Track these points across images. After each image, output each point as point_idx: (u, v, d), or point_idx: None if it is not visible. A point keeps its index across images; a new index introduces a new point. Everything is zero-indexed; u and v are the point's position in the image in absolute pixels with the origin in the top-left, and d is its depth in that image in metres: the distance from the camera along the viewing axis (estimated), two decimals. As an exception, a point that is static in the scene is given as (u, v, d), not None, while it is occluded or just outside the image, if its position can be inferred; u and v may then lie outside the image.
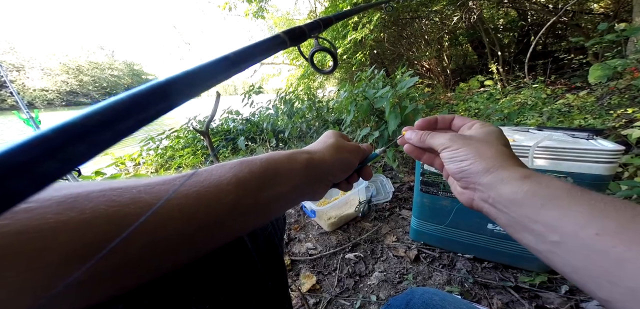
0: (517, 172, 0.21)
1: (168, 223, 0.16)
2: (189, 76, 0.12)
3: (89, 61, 64.46)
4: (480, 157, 0.24)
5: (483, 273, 0.74)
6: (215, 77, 0.14)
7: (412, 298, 0.36)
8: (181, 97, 0.12)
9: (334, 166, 0.28)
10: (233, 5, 4.17)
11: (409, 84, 1.30)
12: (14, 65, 57.22)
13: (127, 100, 0.09)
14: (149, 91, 0.10)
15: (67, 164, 0.07)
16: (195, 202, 0.17)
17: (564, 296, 0.63)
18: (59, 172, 0.07)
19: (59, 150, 0.07)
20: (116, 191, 0.15)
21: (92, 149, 0.08)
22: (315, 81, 4.19)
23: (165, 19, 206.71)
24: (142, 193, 0.16)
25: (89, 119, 0.08)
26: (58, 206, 0.13)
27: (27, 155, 0.06)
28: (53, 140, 0.07)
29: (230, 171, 0.20)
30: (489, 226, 0.70)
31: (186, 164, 1.94)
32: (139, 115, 0.09)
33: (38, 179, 0.06)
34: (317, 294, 0.75)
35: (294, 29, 0.24)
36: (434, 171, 0.71)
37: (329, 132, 0.32)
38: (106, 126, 0.08)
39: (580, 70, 2.74)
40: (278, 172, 0.23)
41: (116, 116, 0.09)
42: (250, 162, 0.22)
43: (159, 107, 0.10)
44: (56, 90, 55.71)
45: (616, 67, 1.69)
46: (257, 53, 0.18)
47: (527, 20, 4.15)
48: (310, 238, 0.98)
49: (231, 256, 0.24)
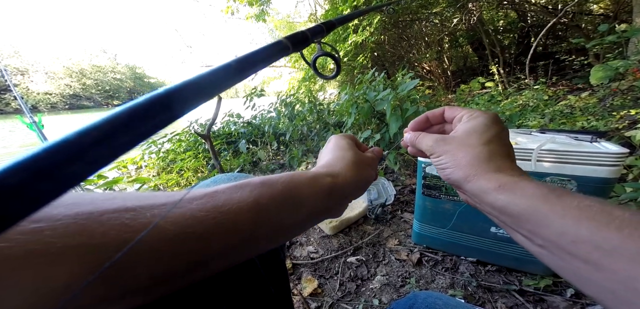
0: (493, 182, 0.21)
1: (183, 251, 0.15)
2: (192, 85, 0.12)
3: (92, 65, 65.04)
4: (457, 165, 0.23)
5: (487, 277, 0.73)
6: (218, 85, 0.14)
7: (415, 302, 0.36)
8: (185, 106, 0.11)
9: (358, 187, 0.26)
10: (235, 9, 4.21)
11: (410, 86, 1.30)
12: (18, 69, 57.82)
13: (128, 112, 0.09)
14: (151, 101, 0.10)
15: (90, 166, 0.07)
16: (213, 229, 0.16)
17: (569, 300, 0.62)
18: (59, 192, 0.07)
19: (53, 171, 0.07)
20: (130, 214, 0.15)
21: (93, 165, 0.08)
22: (316, 84, 4.20)
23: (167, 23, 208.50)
24: (157, 218, 0.15)
25: (86, 136, 0.08)
26: (66, 228, 0.12)
27: (21, 176, 0.06)
28: (45, 160, 0.07)
29: (250, 195, 0.19)
30: (492, 229, 0.69)
31: (188, 168, 1.94)
32: (139, 127, 0.09)
33: (33, 199, 0.06)
34: (318, 298, 0.74)
35: (297, 34, 0.23)
36: (436, 174, 0.71)
37: (341, 140, 0.30)
38: (102, 143, 0.08)
39: (582, 71, 2.74)
40: (299, 199, 0.21)
41: (116, 130, 0.08)
42: (271, 185, 0.20)
43: (162, 118, 0.10)
44: (60, 93, 56.19)
45: (618, 68, 1.68)
46: (260, 60, 0.18)
47: (527, 21, 4.16)
48: (311, 241, 0.98)
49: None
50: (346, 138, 0.30)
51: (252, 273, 0.26)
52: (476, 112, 0.26)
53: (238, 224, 0.17)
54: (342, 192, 0.25)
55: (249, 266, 0.26)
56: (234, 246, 0.18)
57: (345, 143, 0.29)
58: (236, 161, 2.00)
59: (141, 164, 2.35)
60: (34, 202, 0.06)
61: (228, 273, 0.23)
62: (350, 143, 0.29)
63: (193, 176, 1.85)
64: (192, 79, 0.12)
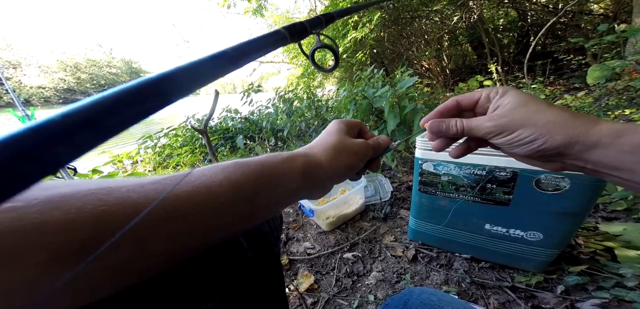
0: (608, 131, 0.19)
1: (156, 223, 0.16)
2: (185, 71, 0.12)
3: (87, 59, 64.02)
4: (550, 131, 0.21)
5: (480, 273, 0.74)
6: (212, 73, 0.13)
7: (410, 298, 0.36)
8: (177, 93, 0.11)
9: (334, 172, 0.26)
10: (232, 2, 4.15)
11: (408, 84, 1.30)
12: (11, 63, 56.75)
13: (117, 95, 0.09)
14: (142, 85, 0.10)
15: (52, 165, 0.07)
16: (185, 203, 0.17)
17: (559, 296, 0.63)
18: (42, 174, 0.07)
19: (47, 146, 0.07)
20: (104, 190, 0.15)
21: (78, 148, 0.08)
22: (315, 80, 4.18)
23: (164, 17, 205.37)
24: (131, 192, 0.15)
25: (72, 116, 0.07)
26: (43, 206, 0.12)
27: (3, 156, 0.06)
28: (29, 140, 0.06)
29: (222, 172, 0.19)
30: (486, 227, 0.70)
31: (184, 163, 1.93)
32: (129, 110, 0.09)
33: (14, 182, 0.06)
34: (315, 293, 0.75)
35: (295, 25, 0.23)
36: (433, 171, 0.71)
37: (334, 124, 0.29)
38: (90, 123, 0.08)
39: (579, 71, 2.75)
40: (273, 177, 0.22)
41: (103, 113, 0.08)
42: (244, 164, 0.21)
43: (152, 104, 0.10)
44: (53, 87, 55.32)
45: (615, 68, 1.69)
46: (257, 49, 0.17)
47: (527, 20, 4.16)
48: (308, 237, 0.98)
49: (226, 256, 0.24)
50: (339, 123, 0.29)
51: (245, 267, 0.26)
52: (495, 88, 0.25)
53: (211, 198, 0.18)
54: (315, 174, 0.25)
55: (241, 259, 0.26)
56: (208, 221, 0.18)
57: (334, 128, 0.29)
58: (233, 157, 1.99)
59: (137, 159, 2.33)
60: (16, 183, 0.06)
61: (220, 266, 0.23)
62: (340, 128, 0.29)
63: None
64: (187, 65, 0.12)
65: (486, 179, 0.64)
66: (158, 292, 0.18)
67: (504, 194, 0.64)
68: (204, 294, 0.22)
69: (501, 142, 0.24)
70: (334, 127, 0.29)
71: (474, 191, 0.67)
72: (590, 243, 0.75)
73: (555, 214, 0.60)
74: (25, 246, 0.12)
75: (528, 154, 0.23)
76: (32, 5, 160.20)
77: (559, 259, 0.69)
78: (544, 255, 0.65)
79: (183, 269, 0.19)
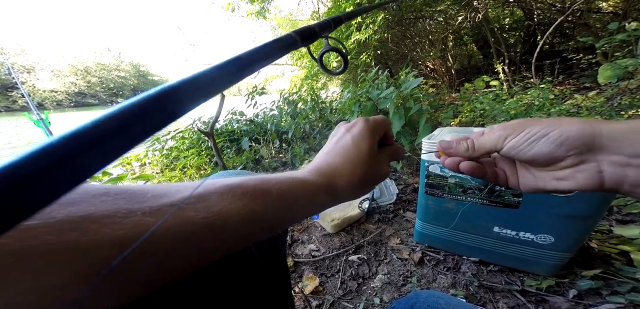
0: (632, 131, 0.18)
1: (174, 252, 0.16)
2: (205, 76, 0.12)
3: (96, 62, 65.71)
4: (565, 122, 0.20)
5: (489, 276, 0.73)
6: (230, 78, 0.14)
7: (417, 301, 0.36)
8: (198, 97, 0.12)
9: (361, 186, 0.26)
10: (237, 5, 4.21)
11: (413, 85, 1.29)
12: (25, 67, 58.66)
13: (141, 103, 0.09)
14: (166, 91, 0.10)
15: (86, 170, 0.07)
16: (204, 233, 0.17)
17: (572, 301, 0.61)
18: (72, 183, 0.07)
19: (77, 156, 0.07)
20: (122, 213, 0.15)
21: (105, 157, 0.08)
22: (318, 82, 4.19)
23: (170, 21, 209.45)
24: (148, 216, 0.15)
25: (102, 124, 0.08)
26: (61, 225, 0.13)
27: (35, 166, 0.06)
28: (64, 148, 0.07)
29: (242, 201, 0.19)
30: (495, 229, 0.69)
31: (191, 165, 1.96)
32: (151, 119, 0.09)
33: (45, 193, 0.06)
34: (320, 296, 0.75)
35: (305, 29, 0.24)
36: (440, 173, 0.71)
37: (361, 129, 0.26)
38: (119, 131, 0.08)
39: (589, 70, 2.68)
40: (293, 210, 0.22)
41: (130, 120, 0.08)
42: (265, 194, 0.20)
43: (177, 108, 0.10)
44: (65, 91, 56.93)
45: (627, 67, 1.65)
46: (270, 53, 0.18)
47: (533, 19, 4.08)
48: (313, 239, 0.98)
49: (235, 259, 0.24)
50: (366, 127, 0.26)
51: (254, 270, 0.26)
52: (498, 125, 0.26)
53: (230, 231, 0.18)
54: (338, 201, 0.25)
55: (250, 263, 0.26)
56: (226, 249, 0.18)
57: (361, 134, 0.25)
58: (239, 159, 2.01)
59: (145, 161, 2.37)
60: (50, 193, 0.06)
61: (230, 270, 0.23)
62: (366, 134, 0.25)
63: (196, 174, 1.86)
64: (207, 70, 0.12)
65: (494, 181, 0.63)
66: (168, 296, 0.18)
67: (513, 196, 0.63)
68: (214, 296, 0.22)
69: (512, 145, 0.23)
70: (361, 133, 0.25)
71: (482, 193, 0.66)
72: (604, 247, 0.73)
73: (567, 217, 0.58)
74: (42, 268, 0.12)
75: (544, 152, 0.22)
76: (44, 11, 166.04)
77: (571, 263, 0.68)
78: (555, 258, 0.64)
79: (194, 273, 0.19)
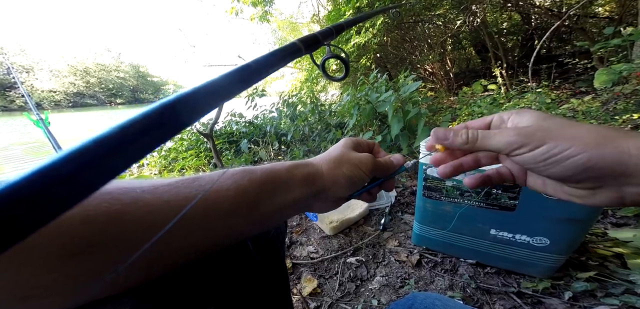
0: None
1: (165, 222, 0.16)
2: (216, 85, 0.13)
3: (96, 63, 65.56)
4: (598, 143, 0.17)
5: (485, 279, 0.73)
6: (239, 86, 0.15)
7: (414, 303, 0.36)
8: (210, 105, 0.12)
9: (334, 182, 0.26)
10: (239, 9, 4.23)
11: (412, 88, 1.31)
12: (24, 67, 58.44)
13: (161, 109, 0.10)
14: (180, 99, 0.11)
15: (109, 175, 0.08)
16: (196, 205, 0.18)
17: (567, 302, 0.62)
18: (100, 183, 0.08)
19: (102, 160, 0.08)
20: (120, 190, 0.16)
21: (132, 157, 0.08)
22: (318, 85, 4.20)
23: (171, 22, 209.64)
24: (146, 193, 0.16)
25: (128, 129, 0.08)
26: None
27: (70, 167, 0.07)
28: (94, 151, 0.07)
29: (231, 177, 0.21)
30: (491, 232, 0.69)
31: (189, 166, 1.96)
32: (170, 124, 0.10)
33: (79, 190, 0.07)
34: (318, 298, 0.75)
35: (308, 37, 0.25)
36: (437, 176, 0.71)
37: (341, 140, 0.30)
38: (142, 137, 0.09)
39: (585, 74, 2.72)
40: (276, 185, 0.23)
41: (151, 126, 0.09)
42: (251, 171, 0.22)
43: (189, 117, 0.11)
44: (64, 91, 56.72)
45: (622, 71, 1.67)
46: (276, 61, 0.19)
47: (531, 24, 4.13)
48: (312, 241, 0.99)
49: (235, 259, 0.25)
50: (346, 139, 0.30)
51: (253, 270, 0.27)
52: (510, 111, 0.23)
53: (219, 201, 0.19)
54: (317, 183, 0.25)
55: (249, 264, 0.26)
56: (215, 223, 0.19)
57: (340, 143, 0.30)
58: (238, 161, 2.01)
59: (143, 163, 2.37)
60: (84, 191, 0.07)
61: (229, 270, 0.24)
62: (346, 143, 0.30)
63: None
64: (218, 79, 0.13)
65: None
66: (170, 294, 0.19)
67: (509, 199, 0.64)
68: (214, 296, 0.22)
69: (528, 159, 0.19)
70: (341, 142, 0.29)
71: (479, 196, 0.67)
72: (599, 249, 0.74)
73: (562, 220, 0.59)
74: (42, 237, 0.12)
75: (567, 175, 0.18)
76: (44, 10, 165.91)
77: (567, 265, 0.68)
78: (551, 261, 0.65)
79: (194, 272, 0.20)
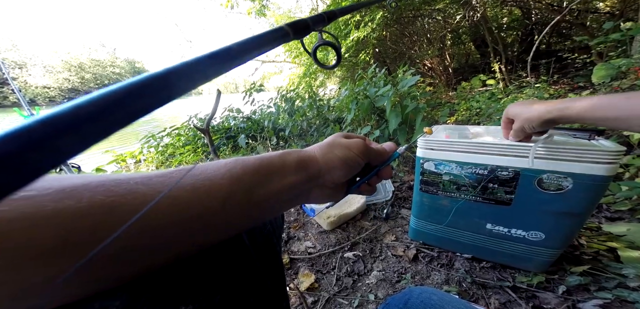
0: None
1: (160, 211, 0.16)
2: (191, 66, 0.12)
3: (90, 58, 64.61)
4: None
5: (481, 273, 0.74)
6: (218, 69, 0.14)
7: (410, 297, 0.36)
8: (183, 87, 0.11)
9: (328, 164, 0.27)
10: (235, 2, 4.16)
11: (410, 83, 1.30)
12: (16, 63, 57.45)
13: (124, 89, 0.09)
14: (150, 79, 0.10)
15: (58, 156, 0.07)
16: (189, 194, 0.18)
17: (561, 297, 0.63)
18: (48, 166, 0.07)
19: (46, 142, 0.07)
20: (114, 182, 0.15)
21: (84, 140, 0.08)
22: (316, 79, 4.17)
23: (167, 17, 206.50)
24: (139, 185, 0.16)
25: (80, 109, 0.08)
26: (56, 195, 0.13)
27: (10, 146, 0.06)
28: (38, 132, 0.07)
29: (224, 166, 0.21)
30: (487, 226, 0.70)
31: (186, 162, 1.95)
32: (135, 105, 0.09)
33: (25, 172, 0.06)
34: (315, 292, 0.75)
35: (298, 22, 0.23)
36: (434, 171, 0.71)
37: (333, 135, 0.31)
38: (99, 116, 0.08)
39: (584, 69, 2.71)
40: (270, 171, 0.23)
41: (111, 106, 0.08)
42: (245, 160, 0.22)
43: (158, 98, 0.10)
44: (58, 87, 55.96)
45: (620, 66, 1.67)
46: (260, 45, 0.18)
47: (531, 18, 4.10)
48: (309, 236, 0.99)
49: (230, 254, 0.24)
50: (336, 133, 0.32)
51: (248, 265, 0.27)
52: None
53: (213, 189, 0.19)
54: (309, 167, 0.26)
55: (245, 258, 0.26)
56: (210, 213, 0.19)
57: (332, 135, 0.31)
58: (235, 156, 2.00)
59: (140, 158, 2.35)
60: (29, 173, 0.07)
61: (224, 263, 0.24)
62: (335, 134, 0.31)
63: (192, 171, 1.85)
64: (193, 60, 0.12)
65: (488, 178, 0.64)
66: (163, 288, 0.18)
67: (505, 193, 0.64)
68: (208, 291, 0.22)
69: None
70: (332, 135, 0.31)
71: (475, 191, 0.67)
72: (593, 243, 0.74)
73: (558, 214, 0.59)
74: (39, 231, 0.12)
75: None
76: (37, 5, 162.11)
77: (561, 259, 0.69)
78: (546, 255, 0.65)
79: (188, 265, 0.19)
